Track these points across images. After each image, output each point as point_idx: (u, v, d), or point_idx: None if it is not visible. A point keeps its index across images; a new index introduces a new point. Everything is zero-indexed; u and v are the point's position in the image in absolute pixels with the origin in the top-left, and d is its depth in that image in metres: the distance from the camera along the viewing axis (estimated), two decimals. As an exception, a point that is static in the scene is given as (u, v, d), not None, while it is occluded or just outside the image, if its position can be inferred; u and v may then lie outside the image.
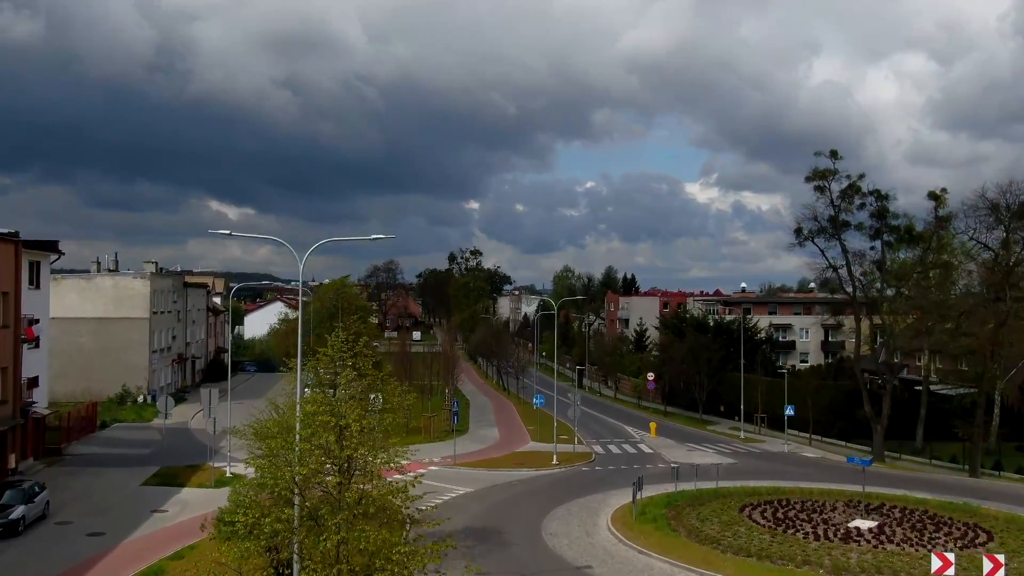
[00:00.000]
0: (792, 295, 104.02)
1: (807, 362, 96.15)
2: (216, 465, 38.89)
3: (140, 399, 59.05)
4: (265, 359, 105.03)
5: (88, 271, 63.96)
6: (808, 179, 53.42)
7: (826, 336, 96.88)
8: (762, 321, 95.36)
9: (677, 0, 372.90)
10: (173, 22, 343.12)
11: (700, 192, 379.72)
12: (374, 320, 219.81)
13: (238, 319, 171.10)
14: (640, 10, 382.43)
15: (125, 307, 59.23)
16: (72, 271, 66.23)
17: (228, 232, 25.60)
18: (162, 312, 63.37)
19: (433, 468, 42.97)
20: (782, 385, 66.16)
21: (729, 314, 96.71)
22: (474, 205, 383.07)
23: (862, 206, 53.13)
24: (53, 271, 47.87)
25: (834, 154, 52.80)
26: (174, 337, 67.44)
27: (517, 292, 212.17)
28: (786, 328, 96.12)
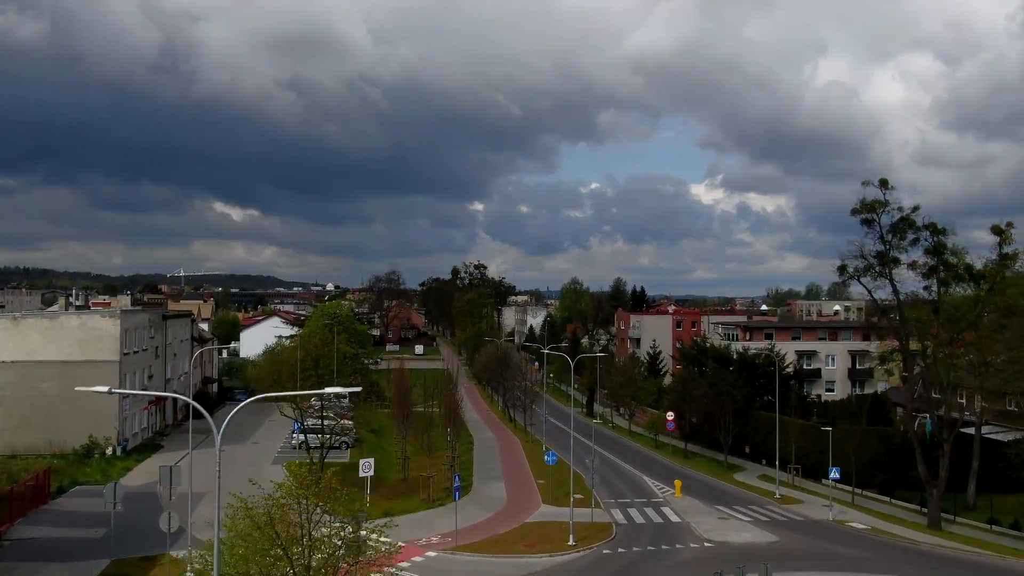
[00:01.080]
0: (817, 318, 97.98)
1: (833, 391, 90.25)
2: (176, 555, 33.19)
3: (109, 451, 53.34)
4: (258, 387, 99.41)
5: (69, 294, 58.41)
6: (855, 212, 47.48)
7: (853, 363, 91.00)
8: (785, 347, 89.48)
9: (682, 1, 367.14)
10: (177, 23, 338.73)
11: (705, 193, 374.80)
12: (375, 331, 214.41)
13: (234, 334, 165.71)
14: (645, 10, 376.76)
15: (93, 349, 53.52)
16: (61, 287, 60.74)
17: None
18: (135, 352, 57.66)
19: (431, 554, 37.17)
20: (816, 430, 60.48)
21: (749, 338, 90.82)
22: (478, 206, 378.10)
23: (916, 241, 47.17)
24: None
25: (884, 184, 46.85)
26: (150, 377, 61.73)
27: (522, 303, 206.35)
28: (811, 355, 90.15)
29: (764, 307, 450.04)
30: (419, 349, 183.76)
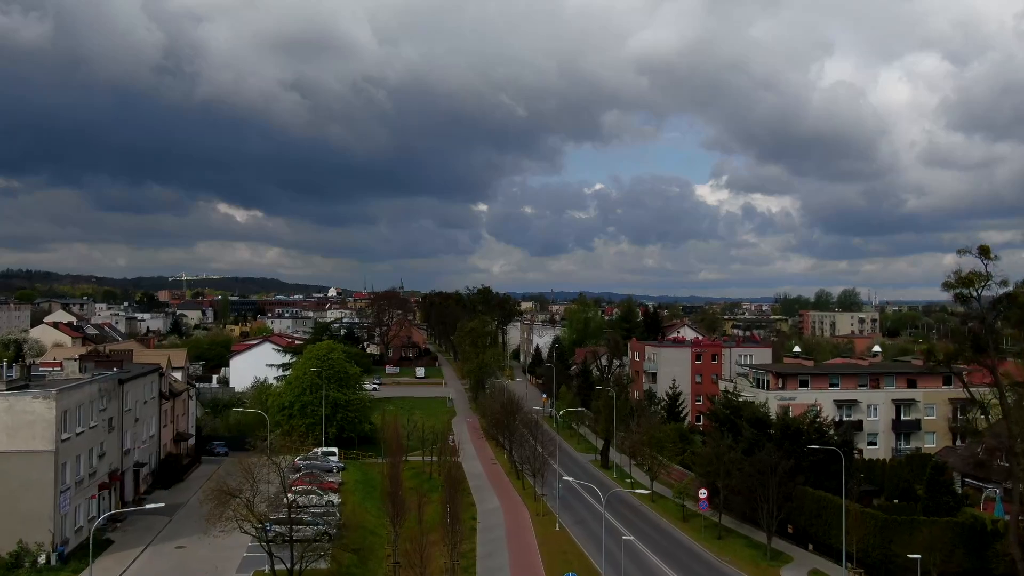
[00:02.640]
0: (854, 362, 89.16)
1: (876, 444, 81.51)
2: None
3: (42, 559, 44.71)
4: (240, 434, 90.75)
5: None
6: (948, 286, 38.91)
7: (898, 414, 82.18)
8: (822, 397, 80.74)
9: (688, 1, 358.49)
10: (180, 24, 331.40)
11: (710, 194, 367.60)
12: (375, 350, 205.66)
13: (225, 358, 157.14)
14: (650, 11, 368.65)
15: (22, 437, 44.92)
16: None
17: None
18: (79, 433, 49.05)
19: None
20: (877, 519, 51.92)
21: (781, 386, 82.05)
22: (483, 207, 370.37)
23: (1021, 323, 38.47)
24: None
25: (985, 252, 38.18)
26: (101, 456, 53.11)
27: (528, 320, 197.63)
28: (851, 405, 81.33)
29: (773, 315, 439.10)
30: (420, 372, 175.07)
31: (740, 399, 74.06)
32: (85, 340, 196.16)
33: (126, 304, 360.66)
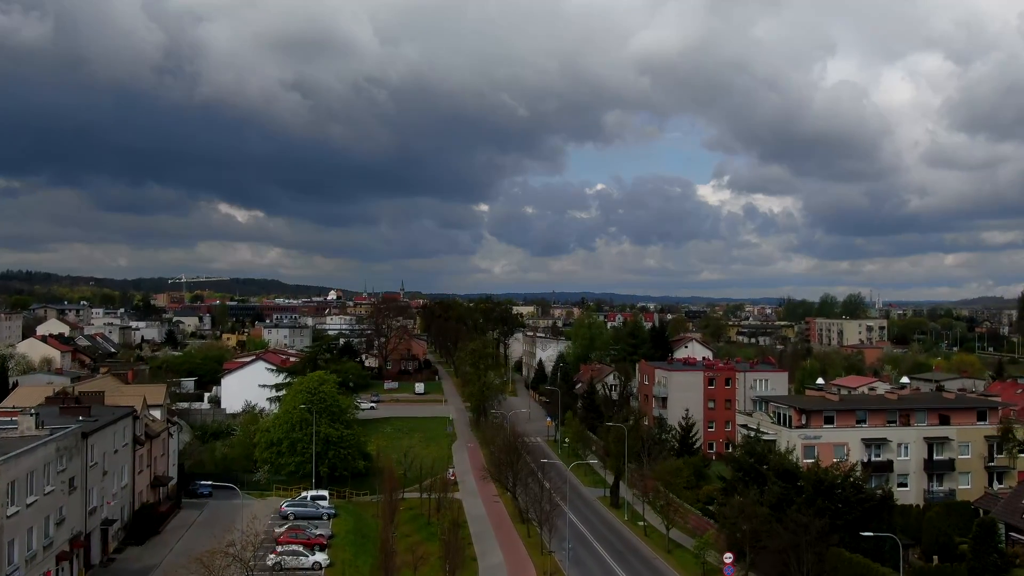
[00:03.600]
0: (882, 393, 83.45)
1: (906, 485, 75.93)
2: None
3: (-16, 654, 39.20)
4: (227, 470, 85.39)
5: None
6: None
7: (930, 453, 76.63)
8: (849, 436, 75.23)
9: (690, 0, 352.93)
10: (181, 24, 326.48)
11: (712, 195, 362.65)
12: (372, 363, 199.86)
13: (217, 373, 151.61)
14: (652, 10, 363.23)
15: (-38, 515, 39.39)
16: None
17: None
18: (32, 503, 43.55)
19: None
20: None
21: (805, 422, 76.45)
22: (484, 208, 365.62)
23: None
24: None
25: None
26: (60, 523, 47.62)
27: (532, 334, 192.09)
28: (880, 444, 75.75)
29: (777, 320, 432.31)
30: (419, 388, 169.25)
31: (763, 440, 68.50)
32: (75, 353, 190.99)
33: (122, 311, 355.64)
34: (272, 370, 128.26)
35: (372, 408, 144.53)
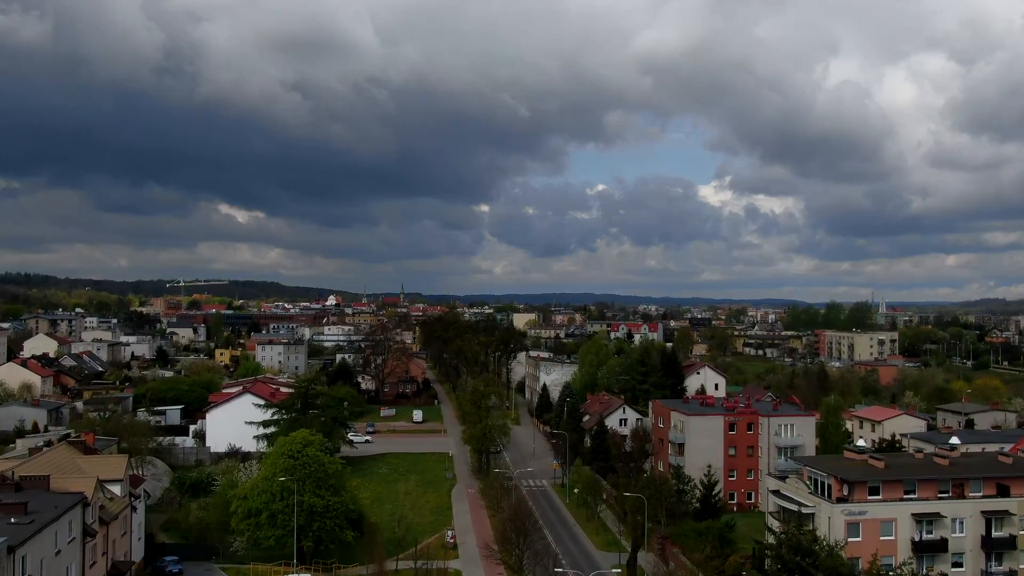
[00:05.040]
0: (932, 452, 74.96)
1: (961, 566, 67.66)
2: None
3: None
4: (202, 537, 77.16)
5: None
6: None
7: (988, 529, 68.27)
8: (897, 511, 66.90)
9: (692, 0, 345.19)
10: (180, 24, 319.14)
11: (713, 195, 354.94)
12: (369, 386, 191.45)
13: (203, 405, 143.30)
14: (654, 10, 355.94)
15: None
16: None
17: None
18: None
19: None
20: None
21: (847, 493, 68.12)
22: (485, 208, 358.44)
23: None
24: None
25: None
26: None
27: (536, 357, 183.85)
28: (932, 519, 67.43)
29: (785, 331, 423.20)
30: (418, 415, 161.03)
31: (805, 530, 60.19)
32: (59, 376, 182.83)
33: (116, 320, 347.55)
34: (260, 406, 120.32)
35: (367, 441, 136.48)
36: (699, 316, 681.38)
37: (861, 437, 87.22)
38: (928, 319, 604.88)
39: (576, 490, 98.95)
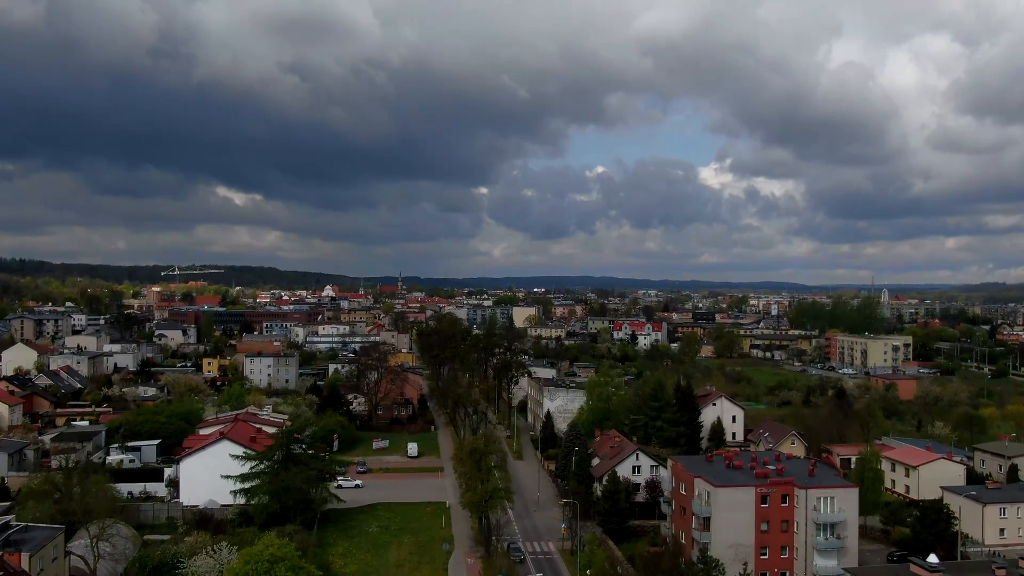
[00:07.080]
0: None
1: None
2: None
3: None
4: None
5: None
6: None
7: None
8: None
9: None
10: (175, 5, 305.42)
11: (714, 177, 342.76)
12: (362, 408, 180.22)
13: (179, 443, 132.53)
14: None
15: None
16: None
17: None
18: None
19: None
20: None
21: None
22: (483, 191, 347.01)
23: None
24: None
25: None
26: None
27: (538, 380, 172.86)
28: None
29: (791, 328, 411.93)
30: (413, 449, 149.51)
31: None
32: (32, 398, 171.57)
33: (104, 320, 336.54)
34: (238, 457, 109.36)
35: (358, 486, 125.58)
36: (700, 305, 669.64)
37: (933, 554, 74.76)
38: (934, 310, 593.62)
39: (585, 547, 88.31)
